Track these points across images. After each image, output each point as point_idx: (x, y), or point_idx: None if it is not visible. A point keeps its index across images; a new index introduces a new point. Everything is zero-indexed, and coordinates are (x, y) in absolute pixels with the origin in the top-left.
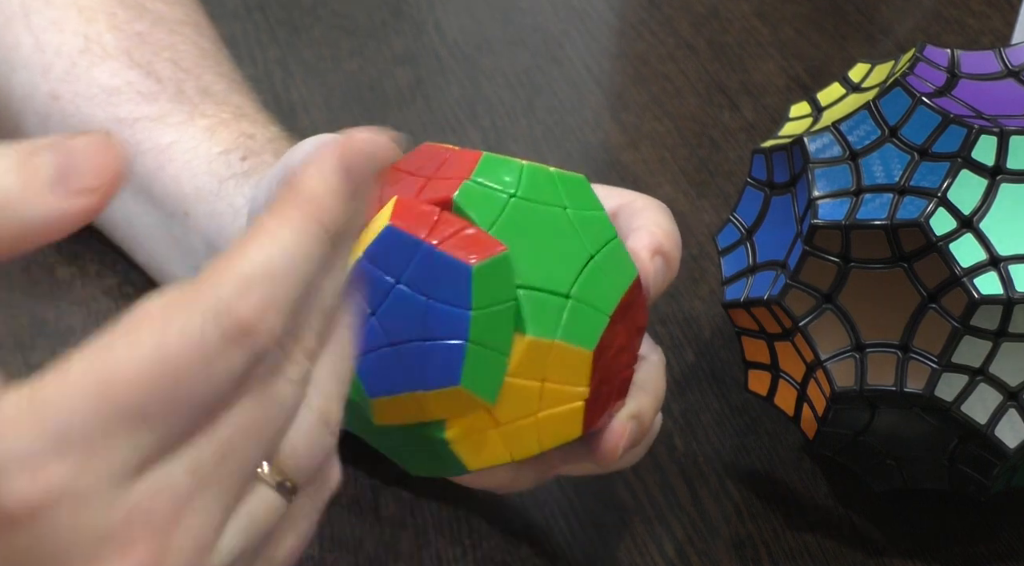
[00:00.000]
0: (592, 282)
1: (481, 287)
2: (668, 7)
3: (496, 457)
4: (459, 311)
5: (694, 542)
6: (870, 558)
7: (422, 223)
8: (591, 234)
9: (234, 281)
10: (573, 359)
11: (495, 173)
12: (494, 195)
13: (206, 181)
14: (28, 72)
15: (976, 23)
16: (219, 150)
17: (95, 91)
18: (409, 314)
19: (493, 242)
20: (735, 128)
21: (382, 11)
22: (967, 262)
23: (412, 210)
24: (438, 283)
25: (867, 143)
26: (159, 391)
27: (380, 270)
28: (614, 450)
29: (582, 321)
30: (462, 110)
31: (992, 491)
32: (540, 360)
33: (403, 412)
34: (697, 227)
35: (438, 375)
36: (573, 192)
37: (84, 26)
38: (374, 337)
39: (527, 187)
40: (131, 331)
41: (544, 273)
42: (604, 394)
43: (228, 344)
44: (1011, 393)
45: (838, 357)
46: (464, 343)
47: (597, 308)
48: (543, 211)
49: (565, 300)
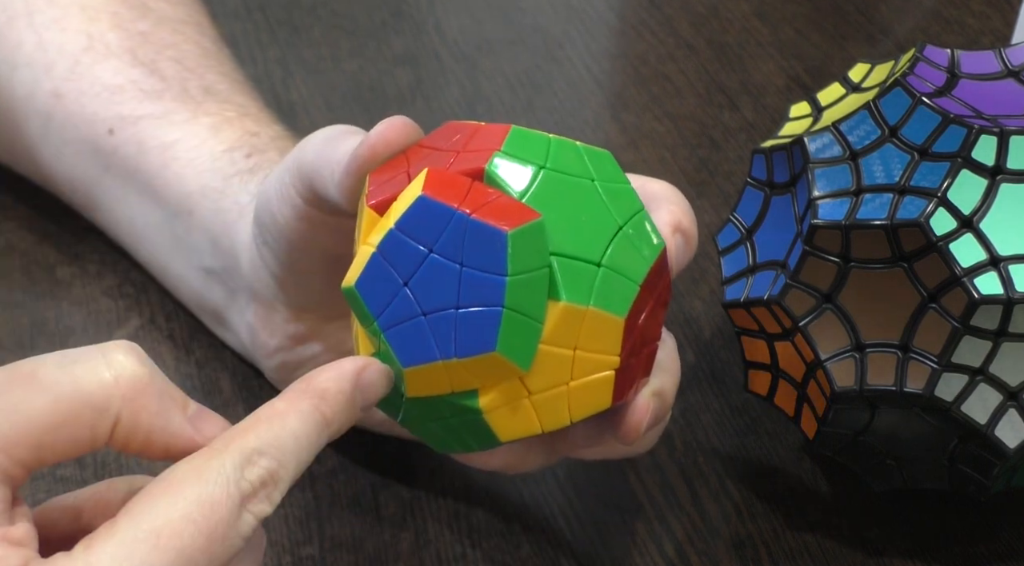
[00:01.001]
0: (622, 251)
1: (516, 253)
2: (668, 7)
3: (528, 428)
4: (495, 277)
5: (694, 542)
6: (870, 558)
7: (455, 192)
8: (619, 205)
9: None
10: (605, 327)
11: (524, 145)
12: (525, 166)
13: (210, 179)
14: (31, 70)
15: (976, 23)
16: (223, 148)
17: (98, 89)
18: (443, 282)
19: (527, 209)
20: (735, 128)
21: (382, 11)
22: (967, 262)
23: (444, 180)
24: (473, 250)
25: (867, 143)
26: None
27: (413, 240)
28: (638, 426)
29: (614, 289)
30: (462, 110)
31: (992, 491)
32: (573, 327)
33: (436, 382)
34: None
35: (473, 342)
36: (600, 165)
37: (87, 24)
38: (407, 307)
39: (556, 159)
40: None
41: (576, 241)
42: (632, 366)
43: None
44: (1011, 393)
45: (838, 357)
46: (500, 309)
47: (628, 277)
48: (573, 182)
49: (597, 268)
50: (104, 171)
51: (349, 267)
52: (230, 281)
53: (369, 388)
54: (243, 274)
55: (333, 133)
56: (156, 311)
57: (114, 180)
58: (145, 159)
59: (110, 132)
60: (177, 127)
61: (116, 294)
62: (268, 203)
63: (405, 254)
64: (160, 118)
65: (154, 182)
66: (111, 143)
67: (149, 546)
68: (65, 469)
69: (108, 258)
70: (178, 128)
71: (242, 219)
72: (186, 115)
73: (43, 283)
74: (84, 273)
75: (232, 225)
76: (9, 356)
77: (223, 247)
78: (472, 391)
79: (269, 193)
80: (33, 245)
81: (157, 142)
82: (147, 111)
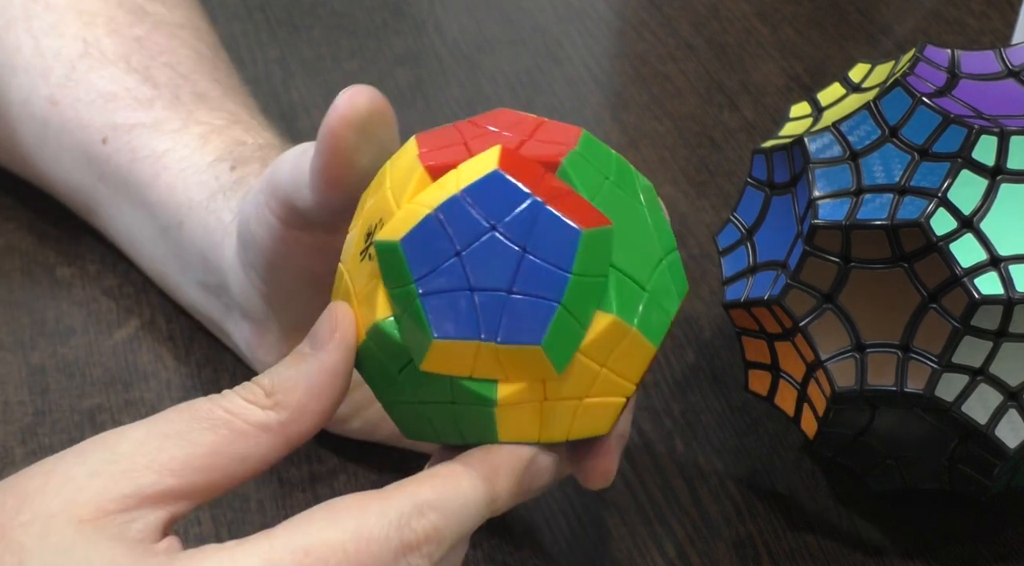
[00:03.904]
0: (662, 282)
1: (585, 253)
2: (668, 7)
3: (527, 433)
4: (559, 272)
5: (694, 542)
6: (870, 558)
7: (530, 177)
8: (661, 237)
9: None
10: (638, 352)
11: (595, 153)
12: (594, 172)
13: (197, 192)
14: (28, 76)
15: (976, 23)
16: (210, 160)
17: (93, 96)
18: (500, 262)
19: (601, 214)
20: (735, 128)
21: (382, 11)
22: (967, 262)
23: (519, 162)
24: (541, 239)
25: (867, 143)
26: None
27: (477, 212)
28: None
29: (654, 315)
30: (462, 110)
31: (992, 491)
32: (613, 344)
33: (459, 362)
34: (697, 227)
35: (520, 330)
36: (648, 193)
37: (83, 30)
38: (454, 278)
39: (618, 176)
40: (325, 524)
41: (629, 259)
42: (629, 401)
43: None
44: (1011, 393)
45: (838, 357)
46: (557, 305)
47: (664, 308)
48: (629, 203)
49: (643, 291)
50: (99, 179)
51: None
52: (224, 297)
53: (537, 476)
54: (233, 293)
55: (303, 148)
56: (156, 311)
57: (109, 189)
58: (138, 168)
59: (104, 141)
60: (168, 137)
61: (116, 294)
62: (247, 223)
63: (466, 224)
64: (151, 127)
65: (146, 193)
66: (105, 152)
67: (295, 561)
68: None
69: (108, 258)
70: (169, 138)
71: (227, 238)
72: (177, 124)
73: (43, 283)
74: (84, 273)
75: (218, 243)
76: (9, 356)
77: (212, 264)
78: (492, 381)
79: (247, 213)
80: (33, 245)
81: (148, 152)
82: (139, 120)
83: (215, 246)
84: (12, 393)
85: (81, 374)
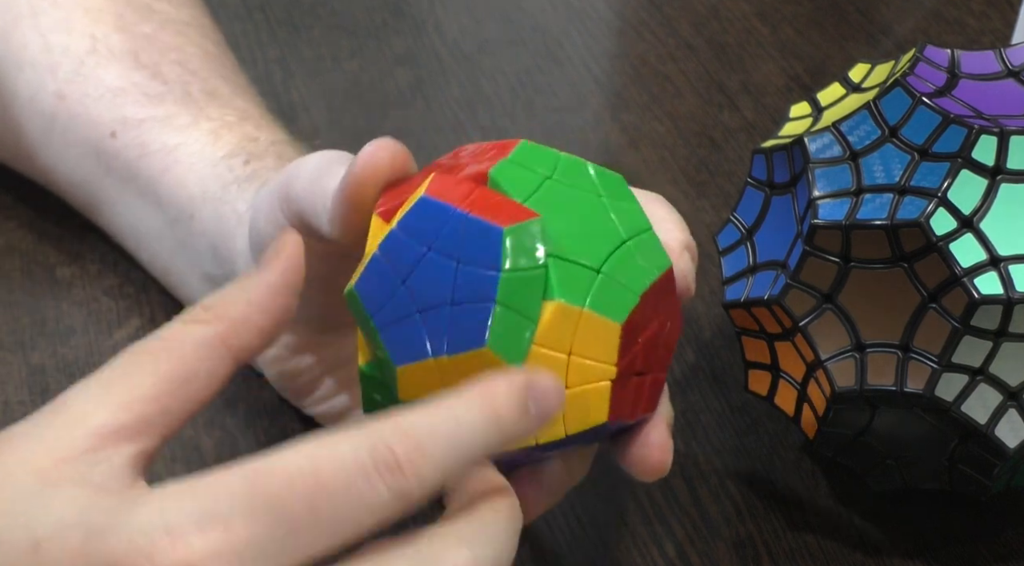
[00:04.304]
0: (624, 263)
1: (511, 249)
2: (668, 7)
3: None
4: (488, 272)
5: (694, 542)
6: (870, 558)
7: (458, 194)
8: (625, 222)
9: (397, 425)
10: (601, 331)
11: (533, 157)
12: (529, 174)
13: (210, 184)
14: (35, 72)
15: (976, 23)
16: (223, 153)
17: (102, 91)
18: (439, 279)
19: (526, 210)
20: (735, 128)
21: (382, 11)
22: (967, 262)
23: (448, 183)
24: (469, 247)
25: (867, 143)
26: (303, 492)
27: (413, 239)
28: (663, 463)
29: (612, 294)
30: (462, 110)
31: (992, 491)
32: (568, 329)
33: (428, 382)
34: (697, 227)
35: (465, 337)
36: (609, 184)
37: (91, 26)
38: (403, 306)
39: (563, 173)
40: (292, 445)
41: (576, 247)
42: (633, 386)
43: (375, 473)
44: (1011, 393)
45: (838, 357)
46: (491, 304)
47: (627, 287)
48: (578, 194)
49: (596, 274)
50: (106, 174)
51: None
52: None
53: (544, 398)
54: None
55: (322, 163)
56: (156, 311)
57: (116, 183)
58: (147, 162)
59: (112, 135)
60: (179, 131)
61: (116, 294)
62: (258, 221)
63: (404, 253)
64: (162, 122)
65: (156, 186)
66: (114, 146)
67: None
68: None
69: (108, 258)
70: (180, 132)
71: (240, 228)
72: (188, 119)
73: (43, 283)
74: (84, 273)
75: (230, 233)
76: (9, 356)
77: (222, 255)
78: None
79: (260, 211)
80: (33, 245)
81: (159, 146)
82: (149, 114)
83: (228, 236)
84: (12, 393)
85: (81, 374)
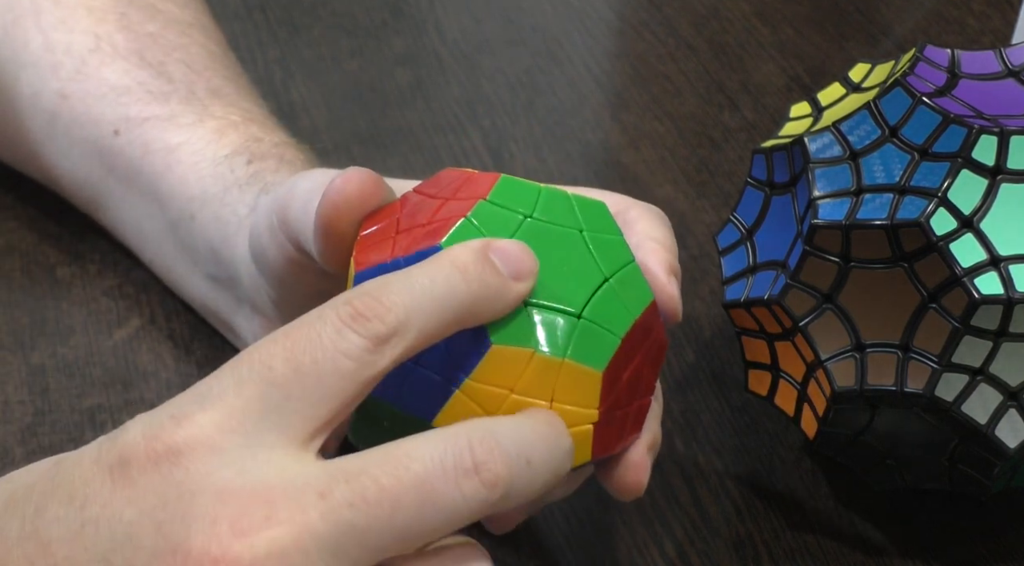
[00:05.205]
0: (605, 304)
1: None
2: (668, 7)
3: None
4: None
5: (694, 542)
6: (870, 558)
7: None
8: (607, 257)
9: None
10: (582, 380)
11: (511, 194)
12: (508, 215)
13: (211, 184)
14: (37, 70)
15: (976, 23)
16: (225, 153)
17: (105, 90)
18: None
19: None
20: (735, 128)
21: (382, 11)
22: (967, 262)
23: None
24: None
25: (867, 143)
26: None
27: None
28: (639, 485)
29: (593, 341)
30: (462, 110)
31: (992, 491)
32: (548, 379)
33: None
34: (697, 227)
35: (417, 403)
36: (591, 216)
37: (95, 25)
38: None
39: (543, 209)
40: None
41: (556, 292)
42: (618, 420)
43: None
44: (1011, 393)
45: (838, 357)
46: (453, 389)
47: (609, 330)
48: (558, 232)
49: (576, 320)
50: (109, 172)
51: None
52: (234, 290)
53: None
54: (244, 287)
55: (313, 188)
56: (156, 311)
57: (119, 181)
58: (149, 161)
59: (115, 133)
60: (182, 130)
61: (116, 294)
62: (259, 237)
63: None
64: (166, 120)
65: (158, 185)
66: (116, 144)
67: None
68: None
69: (108, 258)
70: (183, 131)
71: (240, 231)
72: (192, 118)
73: (43, 283)
74: (84, 273)
75: (232, 236)
76: (9, 356)
77: (224, 257)
78: None
79: (260, 228)
80: (33, 245)
81: (162, 145)
82: (153, 113)
83: (228, 239)
84: (12, 393)
85: (81, 374)
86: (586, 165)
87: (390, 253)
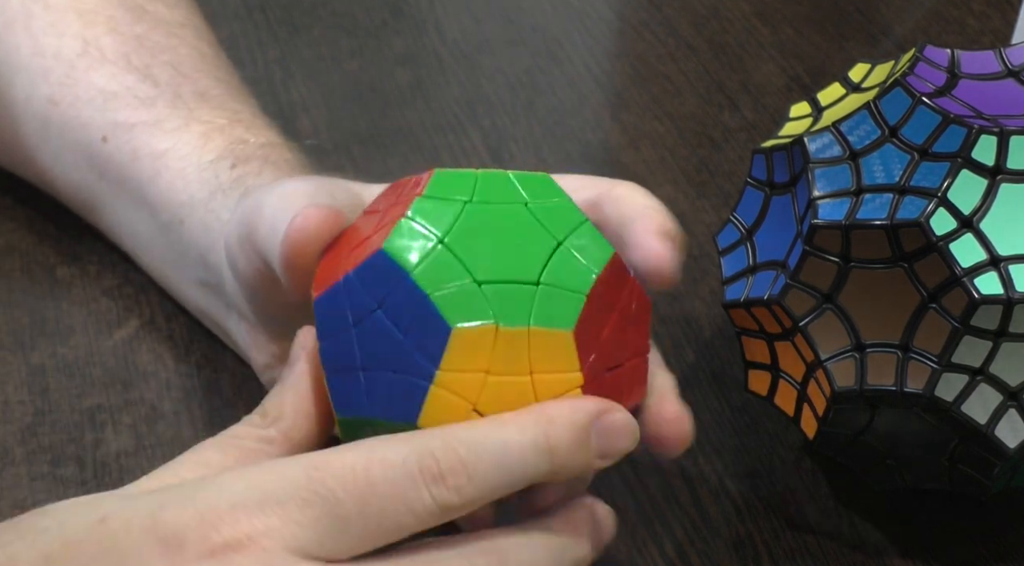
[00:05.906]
0: (562, 266)
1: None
2: (668, 7)
3: None
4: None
5: (694, 542)
6: (870, 558)
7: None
8: (556, 222)
9: (446, 438)
10: (554, 343)
11: (448, 185)
12: (447, 205)
13: (197, 190)
14: (28, 75)
15: (976, 23)
16: (210, 158)
17: (93, 95)
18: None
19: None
20: (735, 128)
21: (382, 11)
22: (967, 262)
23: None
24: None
25: (867, 143)
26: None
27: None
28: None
29: (556, 303)
30: (462, 110)
31: (992, 491)
32: (519, 351)
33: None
34: (697, 227)
35: (397, 409)
36: (533, 188)
37: (83, 29)
38: (349, 355)
39: (482, 192)
40: (350, 445)
41: (510, 266)
42: (610, 381)
43: (420, 479)
44: (1011, 393)
45: (838, 357)
46: (428, 385)
47: (571, 290)
48: (502, 210)
49: (535, 287)
50: (99, 178)
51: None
52: (223, 295)
53: (611, 434)
54: (228, 292)
55: (280, 207)
56: (156, 311)
57: (109, 187)
58: (138, 167)
59: (104, 140)
60: (169, 135)
61: (116, 294)
62: (231, 247)
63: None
64: (152, 126)
65: (147, 191)
66: (105, 150)
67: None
68: (65, 469)
69: (108, 258)
70: (170, 136)
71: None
72: (178, 123)
73: (43, 283)
74: (84, 273)
75: (217, 242)
76: (9, 356)
77: (212, 263)
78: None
79: (231, 238)
80: (33, 245)
81: (149, 150)
82: (140, 118)
83: (214, 244)
84: (12, 393)
85: (81, 374)
86: (586, 165)
87: (342, 272)
